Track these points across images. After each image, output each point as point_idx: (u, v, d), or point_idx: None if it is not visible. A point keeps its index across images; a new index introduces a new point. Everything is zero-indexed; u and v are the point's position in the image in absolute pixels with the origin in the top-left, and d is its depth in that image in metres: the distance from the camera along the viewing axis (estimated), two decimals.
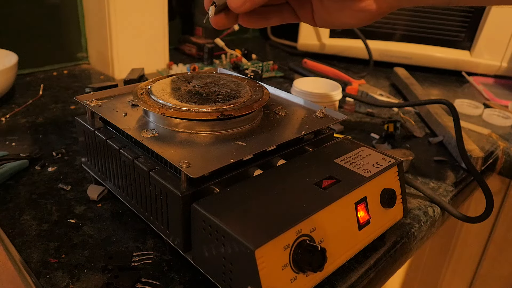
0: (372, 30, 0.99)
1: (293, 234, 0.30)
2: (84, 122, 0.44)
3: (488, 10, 0.91)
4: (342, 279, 0.36)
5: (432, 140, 0.63)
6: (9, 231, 0.40)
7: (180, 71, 0.80)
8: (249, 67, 0.87)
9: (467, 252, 0.80)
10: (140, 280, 0.35)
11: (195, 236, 0.33)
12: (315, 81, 0.67)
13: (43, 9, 0.81)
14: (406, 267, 0.49)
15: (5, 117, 0.64)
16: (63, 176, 0.49)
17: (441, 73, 0.99)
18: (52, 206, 0.44)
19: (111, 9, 0.77)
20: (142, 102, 0.39)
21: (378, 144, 0.61)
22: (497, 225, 0.76)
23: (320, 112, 0.44)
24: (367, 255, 0.39)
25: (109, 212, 0.43)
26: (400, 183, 0.40)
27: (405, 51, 0.97)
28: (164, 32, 0.86)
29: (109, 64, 0.82)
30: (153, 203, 0.36)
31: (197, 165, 0.32)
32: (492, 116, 0.73)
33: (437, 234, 0.58)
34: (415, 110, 0.76)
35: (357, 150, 0.41)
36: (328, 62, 0.99)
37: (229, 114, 0.37)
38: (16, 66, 0.68)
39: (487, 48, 0.93)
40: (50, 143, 0.56)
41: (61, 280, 0.34)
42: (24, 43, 0.81)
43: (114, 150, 0.39)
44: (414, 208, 0.47)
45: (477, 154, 0.57)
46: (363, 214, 0.36)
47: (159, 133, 0.38)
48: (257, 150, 0.36)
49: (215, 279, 0.32)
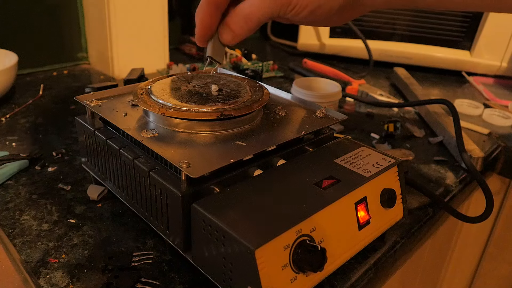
0: (372, 30, 0.99)
1: (293, 234, 0.30)
2: (84, 122, 0.44)
3: None
4: (342, 279, 0.36)
5: (432, 140, 0.63)
6: (9, 231, 0.40)
7: (180, 71, 0.80)
8: (249, 67, 0.87)
9: (467, 252, 0.80)
10: (140, 280, 0.35)
11: (195, 236, 0.33)
12: (315, 81, 0.67)
13: (43, 9, 0.81)
14: (406, 267, 0.49)
15: (5, 117, 0.64)
16: (63, 176, 0.49)
17: (441, 73, 0.99)
18: (52, 206, 0.44)
19: (111, 9, 0.77)
20: (142, 102, 0.39)
21: (378, 144, 0.61)
22: (497, 225, 0.76)
23: (320, 112, 0.44)
24: (367, 255, 0.39)
25: (109, 212, 0.43)
26: (400, 183, 0.40)
27: (405, 51, 0.97)
28: (164, 32, 0.86)
29: (109, 64, 0.82)
30: (153, 203, 0.36)
31: (197, 165, 0.32)
32: (492, 116, 0.73)
33: (437, 234, 0.58)
34: (415, 110, 0.76)
35: (357, 150, 0.41)
36: (328, 62, 0.99)
37: (229, 114, 0.37)
38: (16, 66, 0.68)
39: (487, 48, 0.93)
40: (50, 143, 0.56)
41: (61, 280, 0.34)
42: (24, 43, 0.81)
43: (114, 150, 0.39)
44: (414, 208, 0.47)
45: (477, 154, 0.57)
46: (363, 214, 0.36)
47: (159, 133, 0.38)
48: (257, 150, 0.36)
49: (215, 279, 0.32)
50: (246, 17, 0.35)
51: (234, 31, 0.37)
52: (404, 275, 0.55)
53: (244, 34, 0.37)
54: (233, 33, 0.37)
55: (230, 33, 0.37)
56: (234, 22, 0.36)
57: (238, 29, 0.36)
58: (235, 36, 0.37)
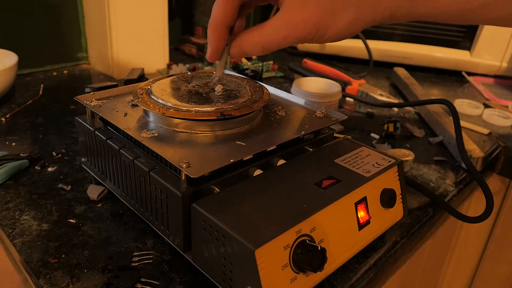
0: (372, 30, 0.99)
1: (293, 234, 0.30)
2: (84, 122, 0.44)
3: None
4: (342, 279, 0.36)
5: (432, 140, 0.63)
6: (9, 231, 0.40)
7: (180, 71, 0.80)
8: (249, 67, 0.87)
9: (467, 252, 0.80)
10: (140, 280, 0.35)
11: (195, 236, 0.33)
12: (315, 81, 0.67)
13: (43, 9, 0.81)
14: (406, 267, 0.49)
15: (5, 117, 0.64)
16: (63, 176, 0.49)
17: (441, 73, 0.99)
18: (52, 206, 0.44)
19: (111, 9, 0.77)
20: (142, 102, 0.39)
21: (378, 144, 0.61)
22: (497, 225, 0.76)
23: (320, 112, 0.44)
24: (367, 255, 0.39)
25: (109, 212, 0.43)
26: (400, 183, 0.40)
27: (405, 51, 0.97)
28: (164, 32, 0.86)
29: (109, 64, 0.82)
30: (153, 203, 0.36)
31: (197, 165, 0.32)
32: (492, 116, 0.73)
33: (437, 234, 0.58)
34: (415, 110, 0.76)
35: (357, 150, 0.41)
36: (328, 62, 0.99)
37: (229, 114, 0.37)
38: (16, 66, 0.68)
39: (487, 48, 0.93)
40: (50, 143, 0.56)
41: (61, 280, 0.34)
42: (24, 43, 0.81)
43: (114, 150, 0.39)
44: (414, 208, 0.47)
45: (477, 154, 0.57)
46: (363, 214, 0.36)
47: (159, 133, 0.38)
48: (257, 150, 0.36)
49: (215, 279, 0.32)
50: (266, 44, 0.34)
51: (248, 54, 0.36)
52: (404, 275, 0.55)
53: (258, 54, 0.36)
54: (246, 54, 0.36)
55: (243, 54, 0.36)
56: (250, 47, 0.35)
57: (253, 53, 0.35)
58: (246, 55, 0.36)
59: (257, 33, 0.34)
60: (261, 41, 0.34)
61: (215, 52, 0.36)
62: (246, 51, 0.35)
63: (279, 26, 0.33)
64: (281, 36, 0.33)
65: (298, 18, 0.32)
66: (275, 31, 0.33)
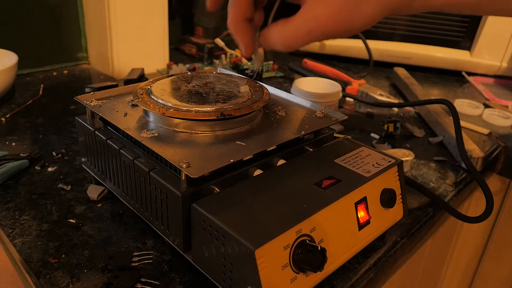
0: (372, 30, 0.99)
1: (293, 234, 0.30)
2: (84, 122, 0.44)
3: None
4: (342, 279, 0.36)
5: (432, 140, 0.63)
6: (9, 231, 0.40)
7: (180, 71, 0.80)
8: (249, 67, 0.87)
9: (467, 252, 0.80)
10: (140, 280, 0.35)
11: (195, 236, 0.33)
12: (315, 81, 0.67)
13: (43, 9, 0.81)
14: (406, 267, 0.49)
15: (5, 117, 0.64)
16: (63, 176, 0.49)
17: (441, 73, 0.99)
18: (52, 206, 0.44)
19: (111, 9, 0.77)
20: (142, 102, 0.39)
21: (378, 144, 0.61)
22: (497, 225, 0.76)
23: (320, 112, 0.44)
24: (367, 255, 0.39)
25: (109, 212, 0.43)
26: (400, 183, 0.40)
27: (405, 51, 0.97)
28: (164, 32, 0.86)
29: (109, 64, 0.82)
30: (153, 203, 0.36)
31: (197, 165, 0.32)
32: (492, 116, 0.73)
33: (437, 234, 0.58)
34: (415, 110, 0.76)
35: (357, 150, 0.41)
36: (328, 62, 0.99)
37: (229, 114, 0.37)
38: (16, 66, 0.68)
39: (487, 48, 0.93)
40: (50, 143, 0.56)
41: (61, 280, 0.34)
42: (24, 43, 0.81)
43: (114, 150, 0.39)
44: (414, 208, 0.47)
45: (477, 154, 0.57)
46: (363, 214, 0.36)
47: (159, 133, 0.38)
48: (257, 150, 0.36)
49: (215, 279, 0.32)
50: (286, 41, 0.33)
51: (272, 47, 0.35)
52: (404, 275, 0.55)
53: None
54: (271, 48, 0.35)
55: (270, 46, 0.35)
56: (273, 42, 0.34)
57: (276, 47, 0.35)
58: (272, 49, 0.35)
59: (278, 29, 0.34)
60: (282, 37, 0.34)
61: (247, 45, 0.36)
62: (271, 44, 0.35)
63: (303, 22, 0.32)
64: (304, 32, 0.32)
65: (322, 14, 0.31)
66: (298, 28, 0.32)
